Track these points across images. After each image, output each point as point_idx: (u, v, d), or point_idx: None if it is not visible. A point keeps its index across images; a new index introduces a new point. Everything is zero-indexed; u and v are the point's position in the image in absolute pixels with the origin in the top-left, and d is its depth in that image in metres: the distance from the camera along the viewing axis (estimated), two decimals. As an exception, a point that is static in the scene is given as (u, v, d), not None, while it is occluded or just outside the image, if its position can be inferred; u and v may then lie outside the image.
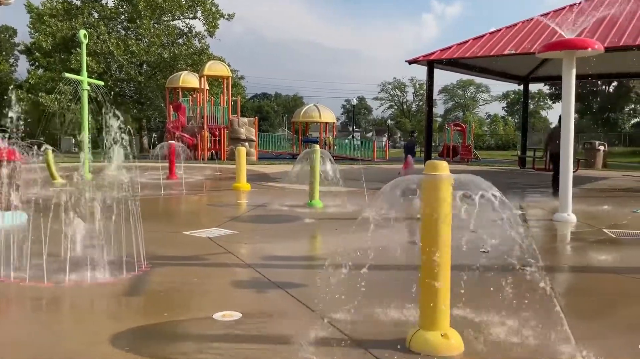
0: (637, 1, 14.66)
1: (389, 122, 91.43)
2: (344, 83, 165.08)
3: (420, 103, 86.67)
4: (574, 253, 6.31)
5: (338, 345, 3.13)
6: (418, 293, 3.12)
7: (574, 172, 8.47)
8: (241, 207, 9.58)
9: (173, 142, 15.12)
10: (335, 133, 37.65)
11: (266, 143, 33.36)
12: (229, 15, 41.07)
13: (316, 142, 31.23)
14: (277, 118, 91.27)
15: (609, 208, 9.39)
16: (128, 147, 5.70)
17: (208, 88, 28.95)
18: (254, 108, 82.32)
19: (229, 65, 33.38)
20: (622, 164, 25.07)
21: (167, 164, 14.36)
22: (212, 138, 27.59)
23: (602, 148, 22.63)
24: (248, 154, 24.00)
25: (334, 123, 36.53)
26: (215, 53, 40.55)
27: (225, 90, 28.30)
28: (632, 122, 60.72)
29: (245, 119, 28.75)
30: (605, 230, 7.22)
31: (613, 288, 4.62)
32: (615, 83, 47.90)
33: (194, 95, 29.69)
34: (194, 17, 41.03)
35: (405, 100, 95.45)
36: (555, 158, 11.10)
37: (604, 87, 50.08)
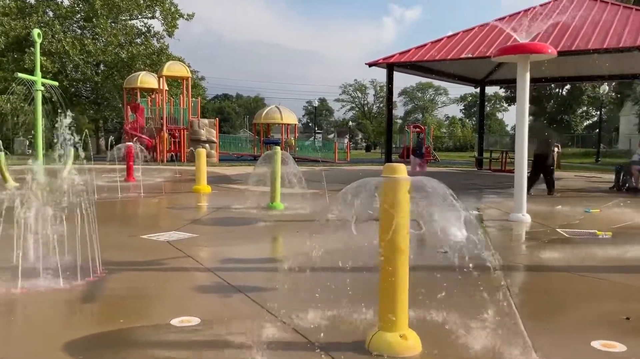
0: (589, 7, 15.17)
1: (350, 123, 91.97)
2: (306, 84, 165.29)
3: (381, 105, 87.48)
4: (528, 252, 6.47)
5: (298, 349, 3.13)
6: (377, 295, 3.15)
7: (528, 173, 8.70)
8: (201, 210, 9.47)
9: (131, 143, 14.83)
10: (297, 134, 37.61)
11: (227, 144, 33.08)
12: (188, 15, 40.61)
13: (278, 144, 31.16)
14: (239, 120, 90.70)
15: (562, 208, 9.67)
16: (83, 149, 5.55)
17: (167, 89, 28.52)
18: (215, 109, 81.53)
19: (188, 66, 32.99)
20: (574, 165, 25.88)
21: (124, 166, 14.09)
22: (172, 139, 27.19)
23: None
24: (209, 156, 23.76)
25: (295, 124, 36.52)
26: (175, 53, 40.03)
27: (185, 91, 27.92)
28: (585, 124, 62.80)
29: (206, 120, 28.45)
30: (558, 230, 7.44)
31: (565, 286, 4.76)
32: (568, 87, 49.41)
33: (153, 96, 29.20)
34: (153, 17, 40.40)
35: (366, 102, 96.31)
36: (536, 159, 11.55)
37: (557, 90, 51.61)
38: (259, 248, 6.29)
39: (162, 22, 40.00)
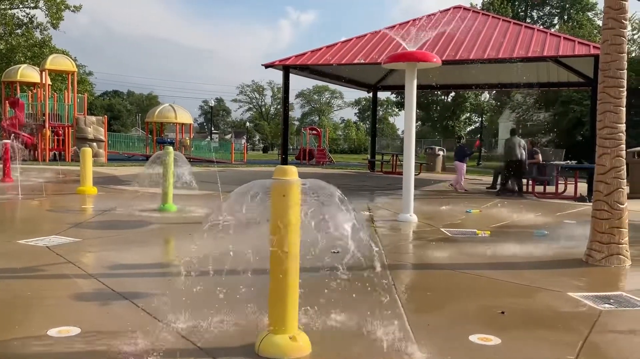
0: (472, 19, 16.19)
1: (247, 124, 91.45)
2: (202, 83, 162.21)
3: (279, 106, 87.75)
4: (414, 251, 6.78)
5: (186, 355, 3.05)
6: (268, 297, 3.14)
7: (416, 175, 9.13)
8: (86, 213, 8.96)
9: (7, 141, 13.72)
10: (192, 134, 36.74)
11: (117, 143, 31.56)
12: (75, 7, 38.27)
13: (172, 144, 30.26)
14: (130, 118, 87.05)
15: (446, 209, 10.24)
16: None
17: (50, 83, 26.76)
18: (104, 106, 77.73)
19: (75, 60, 31.17)
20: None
21: (0, 165, 13.03)
22: (55, 137, 25.52)
23: (441, 153, 24.63)
24: (96, 155, 22.59)
25: (190, 124, 35.65)
26: (59, 46, 37.69)
27: (70, 86, 26.33)
28: (468, 129, 66.86)
29: (94, 118, 27.03)
30: (442, 229, 7.86)
31: (448, 283, 5.03)
32: (453, 94, 52.38)
33: (34, 91, 27.25)
34: (36, 7, 37.66)
35: (264, 103, 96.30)
36: (510, 165, 12.83)
37: (443, 97, 54.55)
38: (148, 253, 6.06)
39: (46, 12, 37.42)
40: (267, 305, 3.15)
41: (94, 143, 24.80)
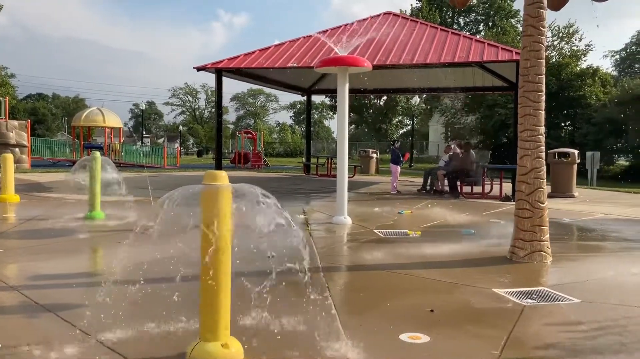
0: (401, 25, 16.58)
1: (181, 127, 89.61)
2: (132, 86, 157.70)
3: (213, 109, 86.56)
4: (348, 252, 6.87)
5: (114, 367, 2.96)
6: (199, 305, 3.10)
7: (350, 177, 9.25)
8: (7, 222, 8.50)
9: None
10: (122, 138, 35.61)
11: (42, 149, 30.16)
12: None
13: (101, 148, 29.24)
14: (56, 122, 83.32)
15: (379, 210, 10.42)
16: None
17: (-34, 85, 25.24)
18: (27, 110, 74.06)
19: (-7, 61, 29.51)
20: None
21: None
22: (-28, 143, 24.06)
23: (374, 155, 25.06)
24: (18, 161, 21.50)
25: (120, 128, 34.54)
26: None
27: (-12, 89, 24.94)
28: (400, 132, 68.35)
29: (16, 122, 25.64)
30: (375, 230, 8.00)
31: (380, 284, 5.12)
32: (385, 97, 53.43)
33: (-52, 93, 25.63)
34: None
35: (197, 106, 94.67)
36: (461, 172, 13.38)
37: (376, 100, 55.54)
38: (74, 262, 5.82)
39: (-40, 10, 35.33)
40: (197, 312, 3.10)
41: (16, 149, 23.58)
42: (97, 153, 8.72)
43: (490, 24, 54.05)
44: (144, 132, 74.47)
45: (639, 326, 3.87)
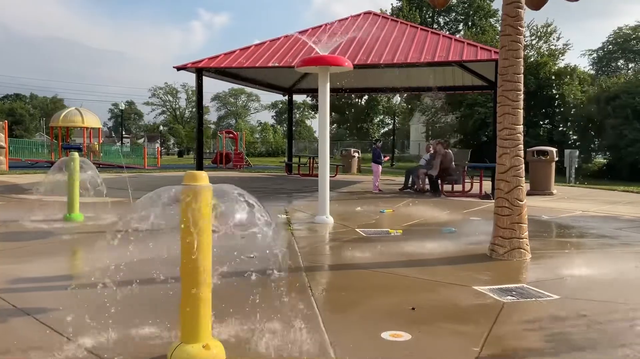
0: (382, 25, 16.64)
1: (161, 127, 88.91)
2: (111, 86, 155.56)
3: (193, 109, 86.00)
4: (330, 252, 6.87)
5: (93, 371, 2.93)
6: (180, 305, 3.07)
7: (332, 177, 9.26)
8: (-17, 224, 8.35)
9: None
10: (101, 139, 35.23)
11: (20, 150, 29.80)
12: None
13: (79, 149, 28.88)
14: (34, 122, 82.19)
15: (361, 209, 10.45)
16: None
17: (-60, 86, 24.76)
18: (4, 110, 73.07)
19: (-32, 61, 28.99)
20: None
21: None
22: (-53, 144, 23.61)
23: (356, 155, 25.12)
24: (-6, 163, 21.15)
25: (99, 128, 34.19)
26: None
27: (-37, 89, 24.50)
28: (382, 131, 68.68)
29: (-8, 123, 25.26)
30: (357, 229, 8.02)
31: (362, 283, 5.14)
32: (366, 97, 53.63)
33: None
34: None
35: (178, 106, 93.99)
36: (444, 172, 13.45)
37: (357, 100, 55.70)
38: (53, 265, 5.74)
39: None
40: (178, 313, 3.08)
41: (-7, 150, 23.20)
42: (76, 154, 8.63)
43: (470, 23, 54.55)
44: (124, 132, 73.79)
45: (619, 322, 3.94)
